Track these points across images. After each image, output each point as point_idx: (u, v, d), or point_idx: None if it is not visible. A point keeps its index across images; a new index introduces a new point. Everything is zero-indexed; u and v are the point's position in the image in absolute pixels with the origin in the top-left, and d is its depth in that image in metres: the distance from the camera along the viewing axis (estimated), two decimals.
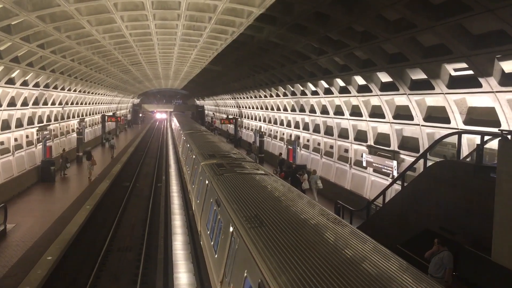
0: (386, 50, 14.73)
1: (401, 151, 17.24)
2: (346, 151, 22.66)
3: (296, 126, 30.63)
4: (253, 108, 43.46)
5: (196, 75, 42.77)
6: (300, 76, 23.62)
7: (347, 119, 21.60)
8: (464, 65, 11.78)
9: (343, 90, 20.45)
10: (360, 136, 20.96)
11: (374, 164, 18.71)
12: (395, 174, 16.67)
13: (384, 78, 16.64)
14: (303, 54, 19.72)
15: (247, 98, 42.76)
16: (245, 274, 6.32)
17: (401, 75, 15.01)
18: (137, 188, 27.30)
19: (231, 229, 7.83)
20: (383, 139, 18.87)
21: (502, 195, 7.77)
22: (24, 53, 18.57)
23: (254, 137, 41.11)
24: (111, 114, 56.17)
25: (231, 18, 17.62)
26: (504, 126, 11.08)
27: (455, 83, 12.84)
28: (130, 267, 14.45)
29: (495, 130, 10.26)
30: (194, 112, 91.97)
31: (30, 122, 26.34)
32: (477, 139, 11.25)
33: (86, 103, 42.10)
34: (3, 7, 13.27)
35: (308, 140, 28.49)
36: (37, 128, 27.25)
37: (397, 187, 14.34)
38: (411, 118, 15.89)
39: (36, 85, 24.27)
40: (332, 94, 21.72)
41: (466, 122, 13.04)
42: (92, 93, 41.18)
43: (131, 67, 35.61)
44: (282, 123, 34.44)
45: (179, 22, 19.08)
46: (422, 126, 15.38)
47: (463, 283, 9.87)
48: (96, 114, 49.56)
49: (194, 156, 17.60)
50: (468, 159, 11.39)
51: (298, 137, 30.25)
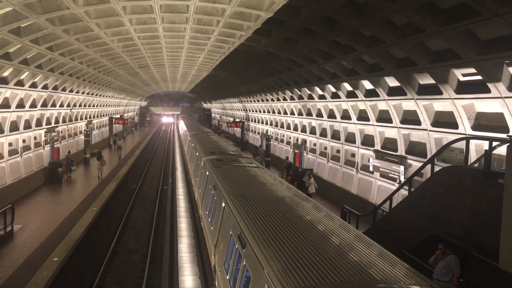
0: (393, 55, 14.68)
1: (408, 156, 17.14)
2: (353, 155, 22.58)
3: (303, 130, 30.59)
4: (260, 111, 43.48)
5: (204, 78, 42.90)
6: (308, 80, 23.61)
7: (354, 123, 21.54)
8: (473, 70, 11.71)
9: (350, 95, 20.40)
10: (367, 141, 20.89)
11: (381, 169, 18.61)
12: (402, 179, 16.57)
13: (392, 82, 16.58)
14: (311, 58, 19.72)
15: (254, 101, 42.79)
16: (230, 233, 8.44)
17: (408, 80, 14.94)
18: (143, 190, 27.38)
19: (223, 204, 9.91)
20: (390, 144, 18.79)
21: (510, 201, 7.69)
22: (33, 55, 18.73)
23: (260, 140, 41.11)
24: (118, 116, 56.43)
25: (239, 21, 17.66)
26: None
27: (463, 88, 12.76)
28: (136, 269, 14.48)
29: (504, 136, 10.18)
30: (201, 115, 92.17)
31: (39, 123, 26.54)
32: (485, 144, 11.17)
33: (94, 105, 42.34)
34: (13, 10, 13.41)
35: (314, 144, 28.44)
36: (45, 129, 27.45)
37: (404, 192, 14.26)
38: (418, 123, 15.81)
39: (45, 87, 24.47)
40: (339, 98, 21.68)
41: (474, 128, 12.94)
42: (100, 95, 41.42)
43: (139, 69, 35.78)
44: (289, 127, 34.41)
45: (187, 25, 19.16)
46: (430, 131, 15.29)
47: None
48: (103, 116, 49.83)
49: (197, 153, 19.58)
50: (476, 165, 11.30)
51: (304, 141, 30.20)
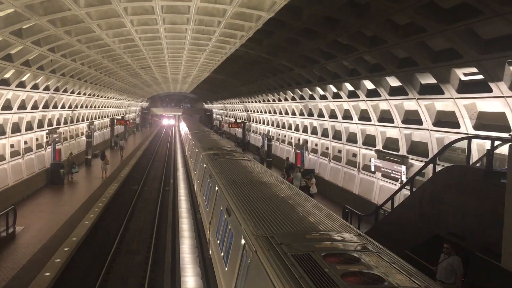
0: (395, 55, 14.67)
1: (410, 156, 17.13)
2: (355, 155, 22.58)
3: (305, 130, 30.58)
4: (261, 112, 43.49)
5: (205, 78, 42.90)
6: (309, 80, 23.61)
7: (355, 123, 21.53)
8: (474, 69, 11.70)
9: (352, 95, 20.40)
10: (369, 141, 20.88)
11: (383, 169, 18.59)
12: (404, 179, 16.55)
13: (393, 82, 16.57)
14: (312, 58, 19.72)
15: (256, 102, 42.80)
16: (221, 208, 10.48)
17: (410, 80, 14.93)
18: (145, 191, 27.40)
19: (217, 188, 11.79)
20: (391, 143, 18.78)
21: None
22: (35, 56, 18.75)
23: (262, 141, 41.08)
24: (120, 117, 56.50)
25: (240, 22, 17.67)
26: None
27: (465, 87, 12.74)
28: (138, 270, 14.49)
29: (506, 135, 10.17)
30: (202, 116, 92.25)
31: (40, 125, 26.57)
32: (487, 144, 11.16)
33: (95, 107, 42.38)
34: (15, 11, 13.43)
35: (316, 145, 28.43)
36: (47, 131, 27.48)
37: (405, 192, 14.25)
38: (420, 122, 15.80)
39: (47, 88, 24.49)
40: (341, 98, 21.67)
41: (476, 127, 12.92)
42: (101, 96, 41.45)
43: (140, 70, 35.81)
44: (290, 127, 34.41)
45: (188, 26, 19.17)
46: (432, 131, 15.28)
47: None
48: (105, 117, 49.89)
49: (197, 150, 21.59)
50: (478, 165, 11.29)
51: (306, 141, 30.19)
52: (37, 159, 25.83)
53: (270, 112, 39.52)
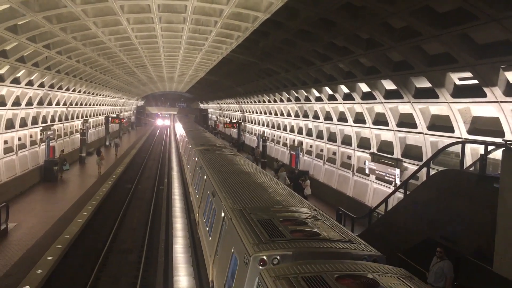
0: (391, 58, 14.73)
1: (404, 159, 17.20)
2: (349, 158, 22.62)
3: (300, 132, 30.61)
4: (256, 112, 43.48)
5: (201, 78, 42.86)
6: (305, 82, 23.64)
7: (350, 126, 21.58)
8: (469, 74, 11.77)
9: (347, 97, 20.45)
10: (363, 143, 20.93)
11: (377, 172, 18.65)
12: (398, 182, 16.62)
13: (389, 85, 16.62)
14: (308, 60, 19.75)
15: (251, 102, 42.79)
16: (208, 193, 12.17)
17: (405, 83, 14.99)
18: (139, 190, 27.32)
19: (205, 177, 13.60)
20: (386, 146, 18.84)
21: (505, 205, 7.72)
22: (30, 53, 18.67)
23: (257, 142, 41.07)
24: (115, 115, 56.30)
25: (236, 22, 17.67)
26: (508, 137, 11.04)
27: (460, 92, 12.81)
28: (130, 269, 14.43)
29: (499, 140, 10.22)
30: (198, 115, 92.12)
31: (34, 122, 26.44)
32: (480, 149, 11.21)
33: (90, 104, 42.23)
34: (10, 7, 13.36)
35: (311, 146, 28.46)
36: (41, 128, 27.34)
37: (399, 195, 14.29)
38: (414, 126, 15.86)
39: (41, 85, 24.39)
40: (336, 100, 21.71)
41: (470, 132, 13.00)
42: (96, 94, 41.33)
43: (136, 69, 35.73)
44: (285, 129, 34.43)
45: (184, 25, 19.15)
46: (426, 134, 15.35)
47: None
48: (100, 115, 49.70)
49: (190, 146, 23.56)
50: (471, 169, 11.34)
51: (301, 142, 30.22)
52: (30, 156, 25.71)
53: (265, 113, 39.53)
